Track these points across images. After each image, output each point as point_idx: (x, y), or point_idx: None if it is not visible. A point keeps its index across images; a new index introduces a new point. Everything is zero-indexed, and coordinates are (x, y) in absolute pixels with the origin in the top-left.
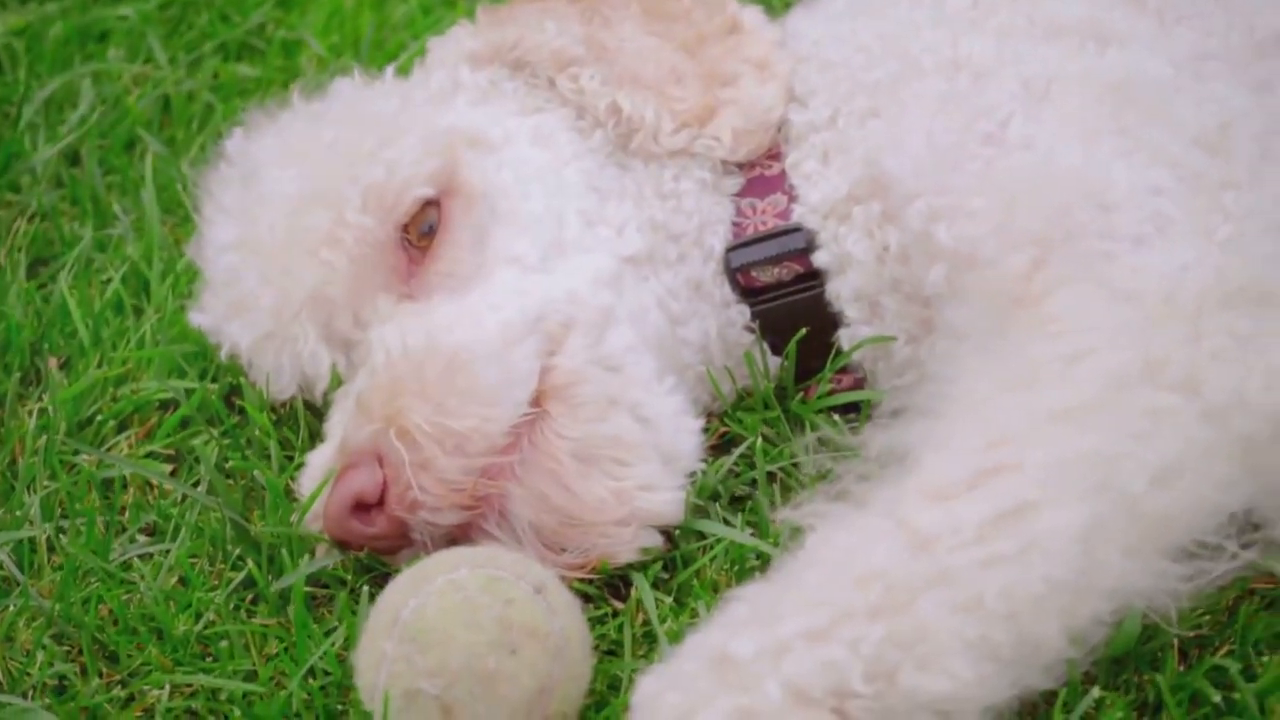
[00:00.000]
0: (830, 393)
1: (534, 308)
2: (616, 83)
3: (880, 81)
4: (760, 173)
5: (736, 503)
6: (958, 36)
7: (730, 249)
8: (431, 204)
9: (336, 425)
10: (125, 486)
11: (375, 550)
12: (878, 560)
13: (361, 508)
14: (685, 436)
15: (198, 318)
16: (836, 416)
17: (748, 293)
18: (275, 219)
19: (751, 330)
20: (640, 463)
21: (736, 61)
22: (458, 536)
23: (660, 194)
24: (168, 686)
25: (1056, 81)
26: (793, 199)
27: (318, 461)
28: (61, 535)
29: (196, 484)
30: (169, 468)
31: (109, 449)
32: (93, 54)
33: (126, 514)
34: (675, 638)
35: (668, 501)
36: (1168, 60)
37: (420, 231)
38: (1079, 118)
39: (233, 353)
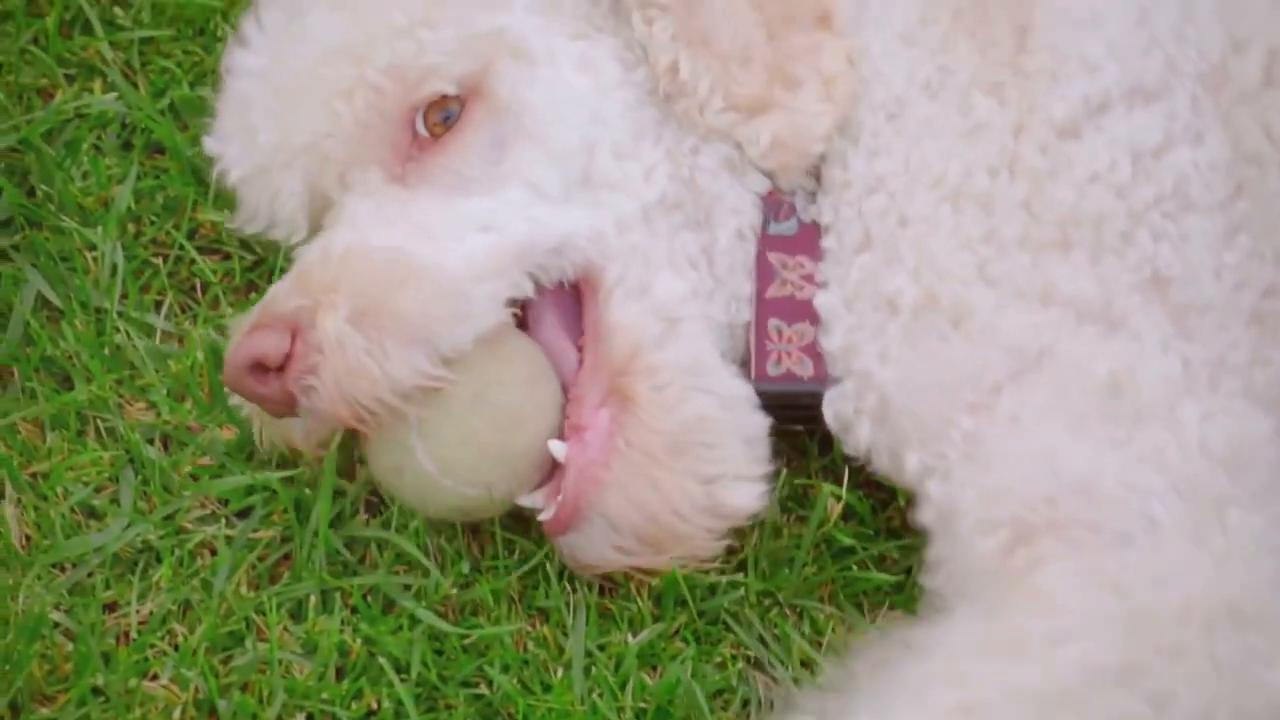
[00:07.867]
0: None
1: (549, 239)
2: (686, 40)
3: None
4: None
5: None
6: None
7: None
8: (454, 98)
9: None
10: None
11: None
12: None
13: (261, 368)
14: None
15: (209, 142)
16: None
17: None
18: (301, 61)
19: None
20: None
21: (808, 68)
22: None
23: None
24: None
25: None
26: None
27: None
28: None
29: None
30: None
31: None
32: None
33: None
34: None
35: None
36: (1179, 359)
37: (436, 119)
38: (1068, 403)
39: (222, 176)
